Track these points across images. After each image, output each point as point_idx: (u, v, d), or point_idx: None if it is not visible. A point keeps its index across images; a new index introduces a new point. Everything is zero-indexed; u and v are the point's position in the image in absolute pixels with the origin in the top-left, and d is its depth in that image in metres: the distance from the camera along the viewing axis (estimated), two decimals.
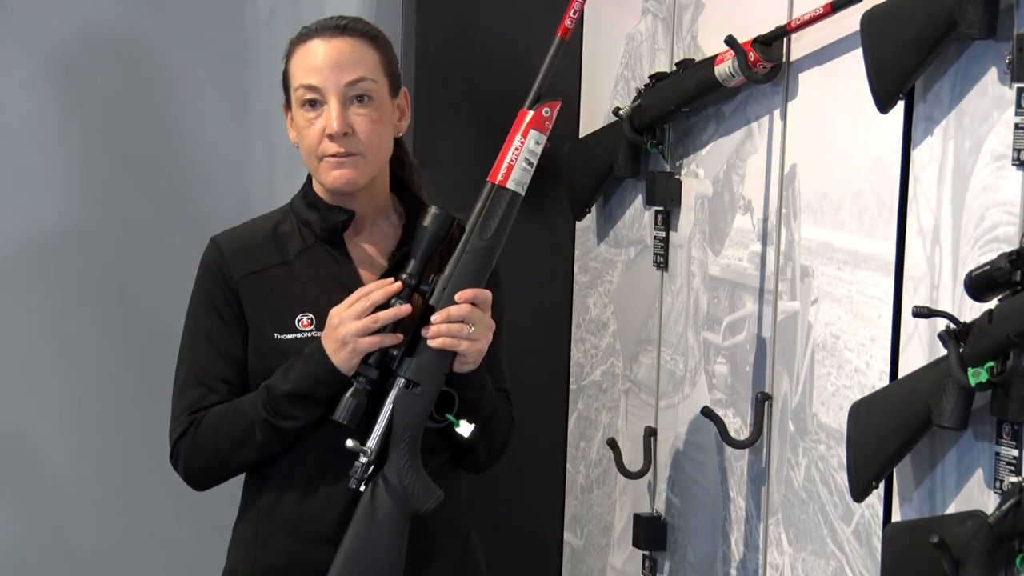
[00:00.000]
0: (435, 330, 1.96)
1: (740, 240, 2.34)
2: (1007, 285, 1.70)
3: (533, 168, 2.01)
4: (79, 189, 3.03)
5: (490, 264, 2.00)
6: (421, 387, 1.98)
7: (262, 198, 2.85)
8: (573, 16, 2.03)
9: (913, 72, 1.89)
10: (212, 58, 3.12)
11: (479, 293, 1.98)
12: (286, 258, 2.06)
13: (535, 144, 2.01)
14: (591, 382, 2.82)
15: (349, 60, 2.01)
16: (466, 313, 1.96)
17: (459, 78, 2.82)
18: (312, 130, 2.01)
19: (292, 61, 2.04)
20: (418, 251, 1.99)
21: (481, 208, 2.00)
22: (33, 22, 2.97)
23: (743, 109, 2.33)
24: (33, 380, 3.02)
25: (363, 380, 1.96)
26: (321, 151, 2.01)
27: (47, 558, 3.04)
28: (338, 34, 2.02)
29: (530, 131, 2.00)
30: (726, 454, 2.37)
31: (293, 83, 2.03)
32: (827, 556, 2.13)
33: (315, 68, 2.00)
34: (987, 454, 1.81)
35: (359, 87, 2.01)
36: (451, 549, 2.11)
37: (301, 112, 2.02)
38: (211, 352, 2.04)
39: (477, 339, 1.98)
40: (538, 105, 2.01)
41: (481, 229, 1.99)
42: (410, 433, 1.98)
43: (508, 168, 2.00)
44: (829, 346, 2.13)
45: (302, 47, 2.03)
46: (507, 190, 2.00)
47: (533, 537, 2.92)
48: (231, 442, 2.01)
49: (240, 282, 2.04)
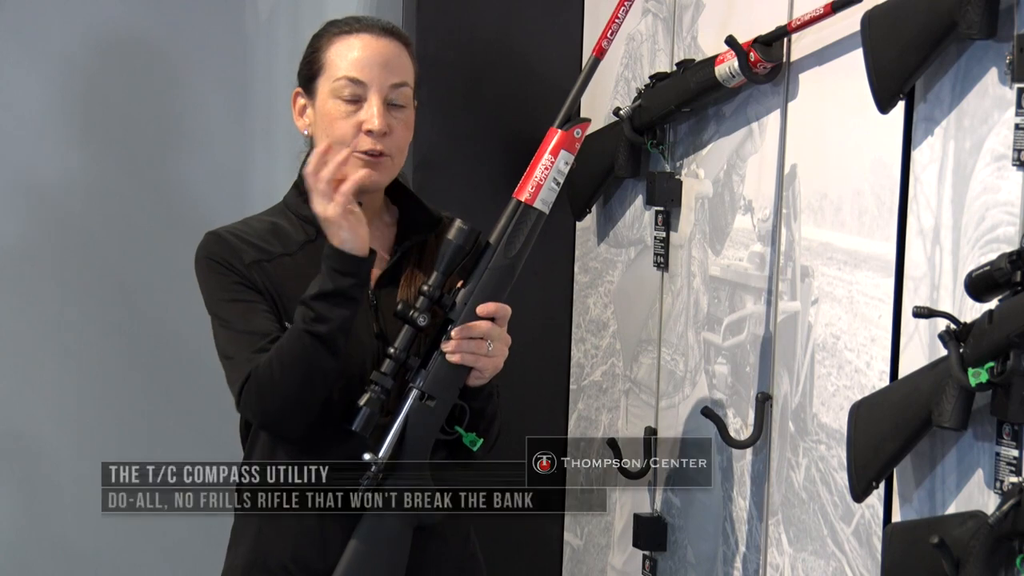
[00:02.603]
0: (455, 345, 1.96)
1: (740, 240, 2.34)
2: (1007, 285, 1.70)
3: (559, 188, 2.01)
4: (79, 189, 3.03)
5: (511, 281, 2.00)
6: (436, 400, 1.97)
7: (262, 198, 2.85)
8: (610, 37, 2.04)
9: (913, 72, 1.89)
10: (212, 58, 3.12)
11: (500, 308, 1.98)
12: (289, 250, 2.05)
13: (564, 165, 2.01)
14: (591, 382, 2.82)
15: (396, 63, 2.01)
16: (486, 330, 1.96)
17: (459, 78, 2.82)
18: (347, 123, 1.99)
19: (332, 50, 2.01)
20: (441, 264, 1.97)
21: (506, 225, 1.99)
22: (34, 23, 2.97)
23: (743, 109, 2.33)
24: (33, 380, 3.02)
25: (378, 389, 1.95)
26: (355, 145, 1.98)
27: (47, 557, 3.05)
28: (386, 35, 2.02)
29: (560, 151, 2.00)
30: (726, 454, 2.37)
31: (332, 72, 2.00)
32: (827, 556, 2.13)
33: (363, 63, 1.99)
34: (987, 454, 1.81)
35: (400, 92, 2.01)
36: (451, 549, 2.10)
37: (336, 102, 1.99)
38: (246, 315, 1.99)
39: (495, 355, 1.98)
40: (570, 125, 2.00)
41: (507, 247, 1.99)
42: (422, 445, 1.98)
43: (537, 187, 2.00)
44: (829, 346, 2.13)
45: (346, 39, 2.01)
46: (534, 209, 2.00)
47: (533, 537, 2.92)
48: (282, 366, 1.93)
49: (251, 266, 2.00)
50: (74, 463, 3.02)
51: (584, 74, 2.04)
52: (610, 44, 2.05)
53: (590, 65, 2.04)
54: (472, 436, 2.01)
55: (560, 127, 2.00)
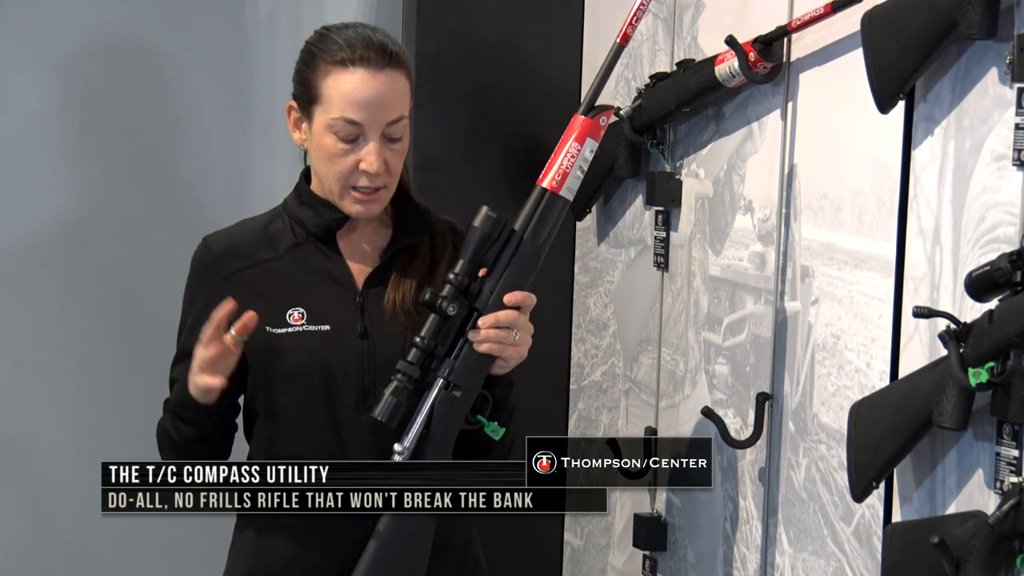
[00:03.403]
0: (484, 335, 1.95)
1: (740, 240, 2.34)
2: (1007, 285, 1.70)
3: (583, 176, 2.00)
4: (79, 189, 3.03)
5: (536, 269, 2.00)
6: (462, 390, 1.97)
7: (262, 198, 2.85)
8: (635, 23, 2.03)
9: (913, 72, 1.89)
10: (212, 58, 3.12)
11: (527, 297, 1.98)
12: (276, 254, 2.06)
13: (589, 152, 2.00)
14: (591, 382, 2.82)
15: (392, 98, 1.98)
16: (513, 319, 1.96)
17: (459, 78, 2.82)
18: (345, 160, 1.98)
19: (330, 81, 1.97)
20: (467, 252, 1.97)
21: (532, 212, 1.99)
22: (34, 23, 2.97)
23: (743, 109, 2.33)
24: (33, 379, 3.02)
25: (404, 378, 1.94)
26: (352, 181, 1.99)
27: (47, 557, 3.04)
28: (384, 66, 1.97)
29: (586, 138, 1.99)
30: (726, 454, 2.37)
31: (328, 108, 1.97)
32: (827, 556, 2.13)
33: (360, 104, 1.96)
34: (987, 454, 1.81)
35: (397, 127, 2.00)
36: (452, 549, 2.10)
37: (332, 138, 1.98)
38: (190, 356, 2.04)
39: (520, 344, 1.97)
40: (595, 113, 1.99)
41: (534, 234, 1.98)
42: (446, 435, 1.98)
43: (563, 175, 1.98)
44: (829, 346, 2.12)
45: (345, 74, 1.96)
46: (560, 197, 1.99)
47: (533, 537, 2.92)
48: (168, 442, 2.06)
49: (229, 279, 2.04)
50: (74, 463, 3.01)
51: (608, 60, 2.02)
52: (634, 30, 2.03)
53: (614, 51, 2.02)
54: (494, 425, 2.01)
55: (585, 114, 2.00)
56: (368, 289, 2.04)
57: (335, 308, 2.03)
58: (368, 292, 2.04)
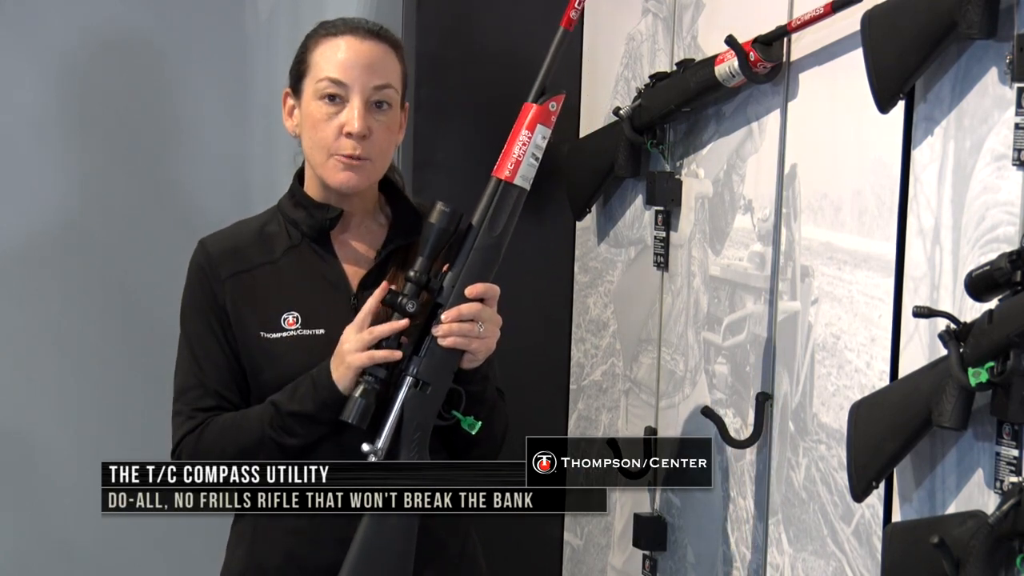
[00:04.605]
0: (446, 329, 1.96)
1: (740, 240, 2.34)
2: (1007, 285, 1.70)
3: (538, 163, 2.01)
4: (79, 188, 3.03)
5: (498, 260, 2.00)
6: (431, 386, 1.97)
7: (262, 197, 2.85)
8: (578, 7, 2.02)
9: (913, 72, 1.89)
10: (212, 57, 3.12)
11: (489, 288, 1.98)
12: (272, 257, 2.06)
13: (541, 139, 2.00)
14: (591, 382, 2.82)
15: (379, 64, 2.01)
16: (476, 311, 1.96)
17: (459, 78, 2.82)
18: (329, 125, 1.99)
19: (317, 52, 2.02)
20: (425, 248, 1.97)
21: (488, 204, 1.99)
22: (33, 22, 2.97)
23: (743, 109, 2.33)
24: (33, 379, 3.02)
25: (371, 379, 1.95)
26: (335, 148, 2.00)
27: (47, 557, 3.05)
28: (371, 37, 2.02)
29: (536, 125, 1.99)
30: (726, 454, 2.37)
31: (316, 73, 2.01)
32: (827, 556, 2.13)
33: (345, 65, 1.99)
34: (987, 454, 1.81)
35: (383, 93, 2.01)
36: (451, 549, 2.10)
37: (318, 104, 2.00)
38: (205, 357, 2.05)
39: (487, 336, 1.98)
40: (544, 99, 2.00)
41: (490, 225, 1.99)
42: (420, 433, 1.98)
43: (516, 164, 1.99)
44: (829, 346, 2.12)
45: (331, 40, 2.01)
46: (515, 186, 1.99)
47: (533, 537, 2.92)
48: (236, 453, 2.01)
49: (226, 282, 2.04)
50: (74, 463, 3.02)
51: (554, 47, 2.01)
52: (578, 15, 2.02)
53: (559, 37, 2.02)
54: (470, 420, 2.01)
55: (534, 101, 2.00)
56: (363, 291, 2.04)
57: (330, 312, 2.03)
58: (363, 294, 2.04)
